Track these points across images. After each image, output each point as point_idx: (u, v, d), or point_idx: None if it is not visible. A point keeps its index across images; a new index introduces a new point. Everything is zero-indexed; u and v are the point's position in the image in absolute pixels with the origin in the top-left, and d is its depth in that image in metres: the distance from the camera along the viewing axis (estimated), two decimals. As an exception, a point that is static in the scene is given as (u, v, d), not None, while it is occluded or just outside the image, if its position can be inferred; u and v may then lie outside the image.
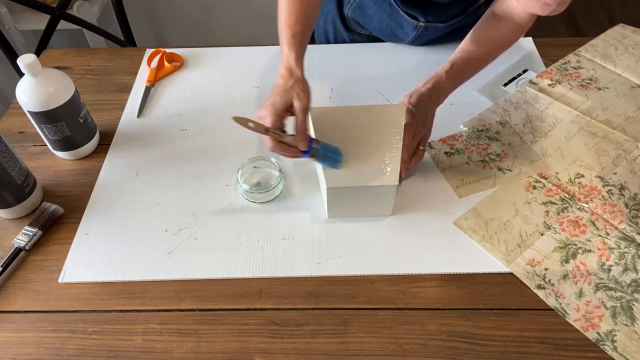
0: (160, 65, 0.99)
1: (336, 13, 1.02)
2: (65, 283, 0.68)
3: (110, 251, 0.70)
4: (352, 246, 0.70)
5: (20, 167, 0.72)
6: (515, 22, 0.76)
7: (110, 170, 0.81)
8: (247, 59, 1.01)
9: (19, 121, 0.90)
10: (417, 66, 0.97)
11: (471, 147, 0.82)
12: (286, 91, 0.66)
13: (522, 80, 0.94)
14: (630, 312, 0.63)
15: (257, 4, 1.99)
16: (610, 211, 0.72)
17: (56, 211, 0.74)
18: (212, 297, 0.66)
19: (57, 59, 1.03)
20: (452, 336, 0.61)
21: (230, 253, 0.70)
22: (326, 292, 0.66)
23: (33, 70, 0.72)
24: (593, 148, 0.81)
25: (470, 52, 0.77)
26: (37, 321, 0.64)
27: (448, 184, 0.77)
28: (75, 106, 0.78)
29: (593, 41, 1.01)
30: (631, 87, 0.91)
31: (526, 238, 0.70)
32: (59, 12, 1.45)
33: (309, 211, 0.74)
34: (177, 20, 2.06)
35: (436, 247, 0.70)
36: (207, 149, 0.84)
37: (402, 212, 0.74)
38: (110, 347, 0.62)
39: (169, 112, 0.91)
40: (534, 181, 0.77)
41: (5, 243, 0.72)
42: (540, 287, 0.65)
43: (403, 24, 0.94)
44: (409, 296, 0.65)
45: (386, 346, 0.61)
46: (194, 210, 0.75)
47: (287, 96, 0.65)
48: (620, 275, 0.66)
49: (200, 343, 0.62)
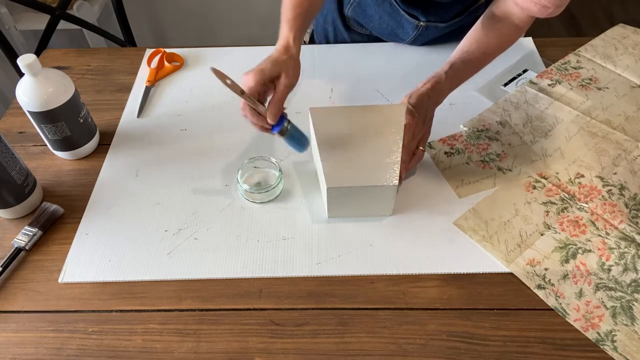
0: (160, 65, 0.99)
1: (336, 13, 1.02)
2: (65, 283, 0.68)
3: (110, 251, 0.70)
4: (352, 246, 0.70)
5: (20, 167, 0.72)
6: (514, 23, 0.76)
7: (110, 170, 0.81)
8: (247, 59, 1.01)
9: (19, 121, 0.90)
10: (417, 66, 0.97)
11: (471, 147, 0.82)
12: (278, 63, 0.66)
13: (522, 80, 0.94)
14: (630, 312, 0.63)
15: (257, 4, 1.99)
16: (610, 211, 0.72)
17: (56, 211, 0.74)
18: (212, 297, 0.66)
19: (57, 59, 1.03)
20: (452, 336, 0.61)
21: (230, 253, 0.70)
22: (326, 292, 0.66)
23: (33, 70, 0.72)
24: (593, 148, 0.81)
25: (470, 53, 0.77)
26: (37, 321, 0.64)
27: (448, 184, 0.77)
28: (75, 106, 0.78)
29: (593, 41, 1.01)
30: (631, 87, 0.91)
31: (526, 238, 0.70)
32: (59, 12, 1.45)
33: (309, 211, 0.74)
34: (177, 20, 2.06)
35: (436, 247, 0.70)
36: (207, 149, 0.84)
37: (402, 212, 0.74)
38: (110, 347, 0.62)
39: (169, 112, 0.91)
40: (534, 181, 0.77)
41: (5, 243, 0.72)
42: (540, 287, 0.65)
43: (403, 23, 0.94)
44: (409, 296, 0.65)
45: (386, 346, 0.61)
46: (194, 210, 0.75)
47: (277, 67, 0.66)
48: (620, 275, 0.66)
49: (200, 343, 0.62)
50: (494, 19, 0.77)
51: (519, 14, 0.74)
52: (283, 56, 0.67)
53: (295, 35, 0.69)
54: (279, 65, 0.66)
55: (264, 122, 0.67)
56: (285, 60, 0.67)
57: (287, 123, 0.68)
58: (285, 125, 0.68)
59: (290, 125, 0.69)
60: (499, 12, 0.77)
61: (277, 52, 0.68)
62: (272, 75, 0.65)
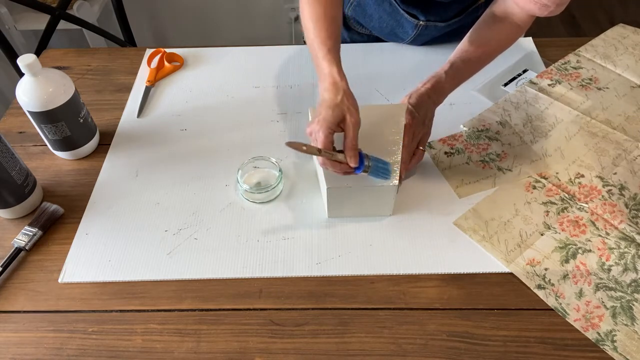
0: (160, 65, 0.99)
1: (336, 13, 1.02)
2: (65, 283, 0.68)
3: (110, 251, 0.70)
4: (352, 246, 0.70)
5: (20, 167, 0.72)
6: (514, 22, 0.76)
7: (110, 170, 0.81)
8: (247, 59, 1.01)
9: (19, 121, 0.90)
10: (417, 66, 0.97)
11: (471, 147, 0.82)
12: (337, 105, 0.64)
13: (522, 80, 0.94)
14: (630, 312, 0.63)
15: (257, 4, 1.99)
16: (610, 211, 0.72)
17: (56, 211, 0.74)
18: (212, 297, 0.66)
19: (57, 59, 1.03)
20: (452, 336, 0.61)
21: (230, 253, 0.70)
22: (326, 292, 0.66)
23: (33, 70, 0.72)
24: (593, 148, 0.81)
25: (470, 53, 0.77)
26: (37, 321, 0.64)
27: (448, 184, 0.77)
28: (75, 106, 0.78)
29: (593, 41, 1.01)
30: (631, 87, 0.91)
31: (526, 238, 0.70)
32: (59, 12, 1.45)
33: (309, 211, 0.74)
34: (177, 20, 2.06)
35: (436, 247, 0.70)
36: (207, 149, 0.84)
37: (402, 212, 0.74)
38: (110, 347, 0.62)
39: (169, 112, 0.91)
40: (534, 181, 0.77)
41: (5, 243, 0.72)
42: (540, 287, 0.65)
43: (403, 23, 0.94)
44: (409, 296, 0.65)
45: (386, 346, 0.61)
46: (194, 210, 0.75)
47: (338, 110, 0.63)
48: (620, 275, 0.66)
49: (200, 343, 0.62)
50: (494, 19, 0.77)
51: (519, 13, 0.74)
52: (337, 96, 0.64)
53: (338, 68, 0.67)
54: (339, 109, 0.63)
55: (346, 167, 0.65)
56: (341, 100, 0.64)
57: (367, 160, 0.66)
58: (366, 164, 0.65)
59: (371, 160, 0.66)
60: (499, 11, 0.77)
61: (328, 92, 0.65)
62: (336, 121, 0.63)
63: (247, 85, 0.95)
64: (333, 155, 0.64)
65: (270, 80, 0.96)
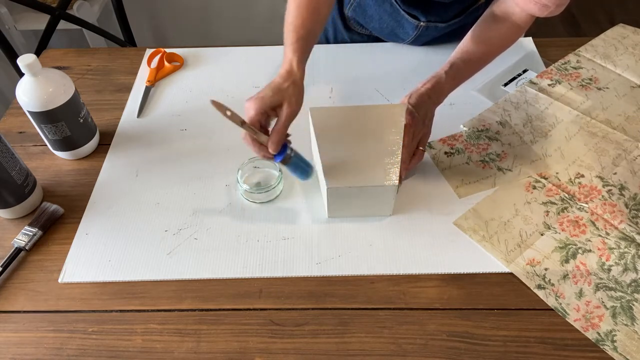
0: (160, 65, 0.99)
1: (336, 13, 1.02)
2: (65, 283, 0.68)
3: (110, 251, 0.70)
4: (352, 246, 0.70)
5: (20, 167, 0.72)
6: (515, 22, 0.76)
7: (110, 170, 0.81)
8: (247, 59, 1.01)
9: (19, 121, 0.90)
10: (417, 66, 0.97)
11: (471, 147, 0.82)
12: (280, 91, 0.64)
13: (522, 80, 0.94)
14: (630, 312, 0.63)
15: (257, 4, 1.99)
16: (610, 211, 0.72)
17: (56, 211, 0.74)
18: (212, 297, 0.66)
19: (57, 59, 1.03)
20: (452, 336, 0.61)
21: (230, 253, 0.70)
22: (326, 292, 0.66)
23: (33, 70, 0.72)
24: (593, 148, 0.81)
25: (470, 53, 0.77)
26: (37, 321, 0.64)
27: (448, 184, 0.77)
28: (75, 106, 0.78)
29: (593, 41, 1.01)
30: (631, 87, 0.91)
31: (526, 238, 0.70)
32: (59, 12, 1.45)
33: (309, 211, 0.74)
34: (177, 20, 2.06)
35: (436, 247, 0.70)
36: (207, 149, 0.84)
37: (402, 212, 0.74)
38: (110, 347, 0.62)
39: (169, 112, 0.91)
40: (534, 181, 0.77)
41: (5, 243, 0.72)
42: (540, 287, 0.65)
43: (404, 23, 0.94)
44: (409, 296, 0.65)
45: (386, 346, 0.61)
46: (194, 210, 0.75)
47: (279, 95, 0.64)
48: (620, 275, 0.66)
49: (200, 343, 0.62)
50: (494, 19, 0.77)
51: (519, 13, 0.74)
52: (285, 83, 0.64)
53: (299, 59, 0.67)
54: (281, 94, 0.64)
55: (265, 151, 0.65)
56: (287, 88, 0.64)
57: (290, 151, 0.66)
58: (287, 153, 0.66)
59: (294, 154, 0.67)
60: (499, 11, 0.77)
61: (279, 77, 0.65)
62: (273, 104, 0.63)
63: (247, 85, 0.95)
64: (256, 134, 0.64)
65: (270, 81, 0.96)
